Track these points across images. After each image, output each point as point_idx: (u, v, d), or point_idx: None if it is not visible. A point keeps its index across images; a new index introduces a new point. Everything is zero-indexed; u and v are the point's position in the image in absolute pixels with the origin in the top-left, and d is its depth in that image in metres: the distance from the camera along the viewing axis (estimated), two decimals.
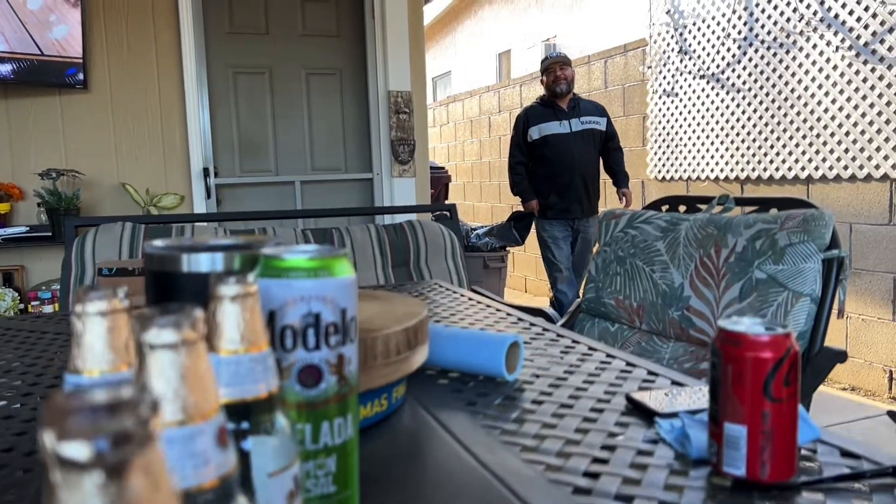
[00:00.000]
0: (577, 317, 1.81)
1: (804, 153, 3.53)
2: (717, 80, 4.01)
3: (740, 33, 3.84)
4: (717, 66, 4.01)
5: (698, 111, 4.16)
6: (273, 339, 0.48)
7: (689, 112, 4.24)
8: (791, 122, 3.58)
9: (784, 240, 1.33)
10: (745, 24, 3.80)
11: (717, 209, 1.60)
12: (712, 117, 4.07)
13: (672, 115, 4.38)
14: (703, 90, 4.12)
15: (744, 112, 3.86)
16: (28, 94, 3.04)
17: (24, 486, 0.61)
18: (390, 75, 3.62)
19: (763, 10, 3.70)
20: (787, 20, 3.56)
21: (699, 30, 4.13)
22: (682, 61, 4.27)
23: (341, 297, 0.49)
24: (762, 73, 3.73)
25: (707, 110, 4.10)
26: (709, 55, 4.06)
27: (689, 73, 4.21)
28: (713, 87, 4.05)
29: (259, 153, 3.60)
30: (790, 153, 3.60)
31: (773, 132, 3.69)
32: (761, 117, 3.75)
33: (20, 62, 2.91)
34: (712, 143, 4.08)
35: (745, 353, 0.56)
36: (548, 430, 0.70)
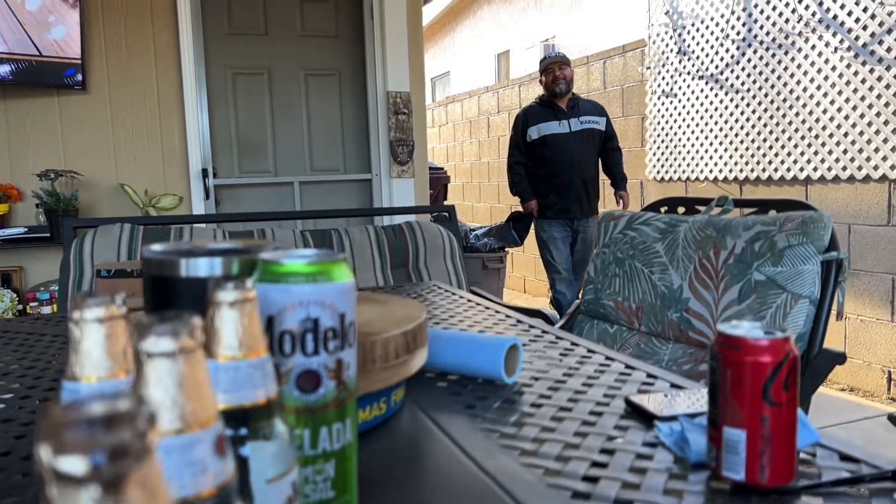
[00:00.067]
0: (576, 318, 1.81)
1: (803, 154, 3.53)
2: (716, 81, 4.02)
3: (739, 34, 3.84)
4: (716, 67, 4.01)
5: (697, 112, 4.17)
6: (271, 344, 0.48)
7: (687, 113, 4.24)
8: (790, 123, 3.59)
9: (783, 242, 1.33)
10: (744, 24, 3.80)
11: (716, 211, 1.60)
12: (711, 118, 4.07)
13: (671, 115, 4.38)
14: (701, 91, 4.12)
15: (742, 113, 3.86)
16: (26, 94, 3.04)
17: (23, 490, 0.61)
18: (389, 76, 3.62)
19: (762, 12, 3.70)
20: (786, 21, 3.56)
21: (698, 31, 4.13)
22: (680, 62, 4.27)
23: (340, 301, 0.49)
24: (761, 74, 3.73)
25: (706, 111, 4.10)
26: (708, 56, 4.06)
27: (688, 73, 4.21)
28: (712, 88, 4.05)
29: (258, 154, 3.60)
30: (789, 154, 3.61)
31: (771, 133, 3.69)
32: (760, 118, 3.75)
33: (19, 63, 2.91)
34: (711, 144, 4.08)
35: (745, 357, 0.56)
36: (547, 433, 0.70)
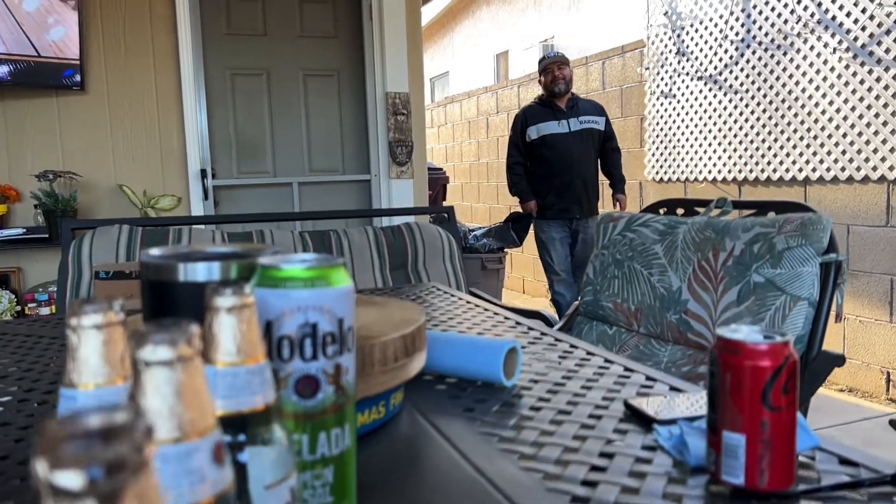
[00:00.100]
0: (575, 319, 1.81)
1: (802, 155, 3.53)
2: (715, 82, 4.02)
3: (738, 35, 3.84)
4: (715, 68, 4.01)
5: (696, 112, 4.17)
6: (270, 349, 0.48)
7: (686, 113, 4.24)
8: (788, 124, 3.59)
9: (782, 243, 1.33)
10: (743, 25, 3.81)
11: (715, 212, 1.60)
12: (710, 119, 4.07)
13: (670, 116, 4.38)
14: (700, 92, 4.12)
15: (741, 113, 3.86)
16: (25, 95, 3.03)
17: (22, 494, 0.61)
18: (388, 76, 3.62)
19: (760, 12, 3.70)
20: (785, 22, 3.56)
21: (697, 31, 4.13)
22: (679, 63, 4.27)
23: (338, 306, 0.49)
24: (760, 74, 3.73)
25: (705, 112, 4.10)
26: (706, 57, 4.07)
27: (687, 74, 4.22)
28: (711, 89, 4.05)
29: (257, 154, 3.60)
30: (788, 155, 3.61)
31: (770, 134, 3.70)
32: (759, 119, 3.76)
33: (17, 64, 2.90)
34: (710, 145, 4.08)
35: (744, 361, 0.56)
36: (546, 437, 0.70)
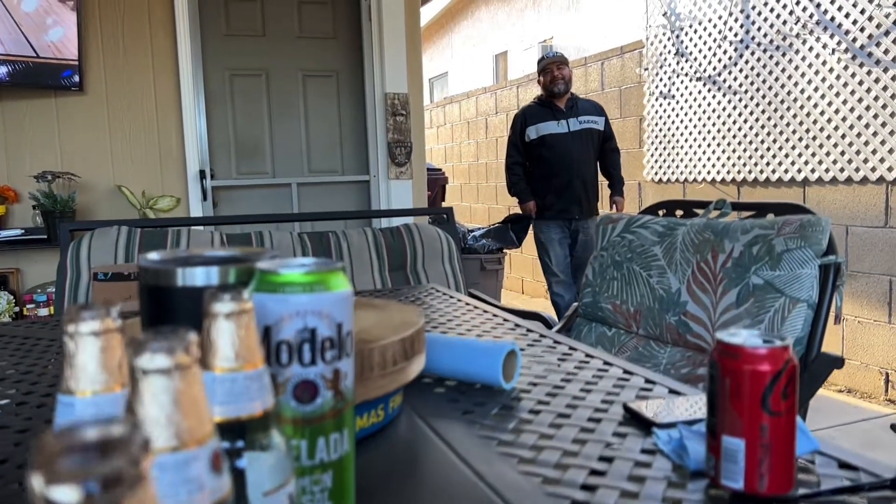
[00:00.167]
0: (574, 321, 1.81)
1: (800, 155, 3.53)
2: (714, 83, 4.02)
3: (736, 36, 3.85)
4: (714, 69, 4.01)
5: (695, 113, 4.17)
6: (268, 354, 0.47)
7: (685, 114, 4.24)
8: (787, 125, 3.59)
9: (781, 245, 1.33)
10: (742, 26, 3.81)
11: (714, 214, 1.60)
12: (709, 119, 4.07)
13: (669, 116, 4.38)
14: (699, 92, 4.13)
15: (740, 114, 3.86)
16: (23, 96, 3.03)
17: (20, 499, 0.61)
18: (387, 77, 3.62)
19: (759, 13, 3.70)
20: (784, 23, 3.56)
21: (696, 32, 4.13)
22: (678, 63, 4.28)
23: (337, 311, 0.49)
24: (758, 75, 3.73)
25: (704, 112, 4.10)
26: (705, 57, 4.07)
27: (686, 75, 4.22)
28: (710, 90, 4.05)
29: (255, 155, 3.60)
30: (786, 155, 3.61)
31: (769, 134, 3.70)
32: (758, 119, 3.76)
33: (15, 64, 2.90)
34: (709, 145, 4.09)
35: (743, 365, 0.56)
36: (545, 440, 0.70)
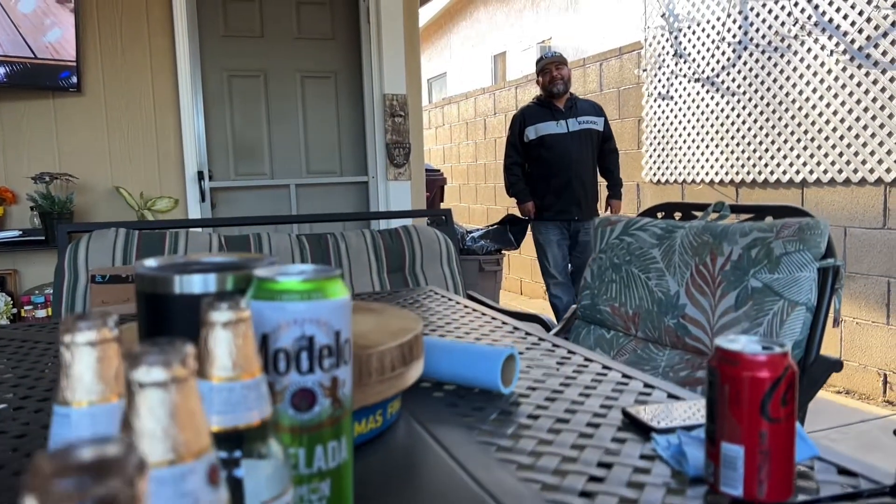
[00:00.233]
0: (572, 323, 1.80)
1: (799, 157, 3.54)
2: (712, 84, 4.02)
3: (735, 37, 3.85)
4: (712, 70, 4.01)
5: (693, 114, 4.17)
6: (266, 362, 0.47)
7: (684, 115, 4.24)
8: (786, 126, 3.59)
9: (780, 248, 1.33)
10: (740, 27, 3.81)
11: (713, 216, 1.60)
12: (707, 120, 4.07)
13: (667, 118, 4.38)
14: (697, 93, 4.13)
15: (739, 115, 3.86)
16: (21, 97, 3.02)
17: None
18: (385, 78, 3.61)
19: (758, 14, 3.70)
20: (782, 24, 3.57)
21: (694, 33, 4.13)
22: (677, 65, 4.28)
23: (335, 319, 0.49)
24: (757, 76, 3.73)
25: (702, 113, 4.11)
26: (704, 59, 4.07)
27: (685, 76, 4.22)
28: (708, 91, 4.05)
29: (254, 156, 3.59)
30: (785, 157, 3.61)
31: (767, 136, 3.70)
32: (756, 121, 3.76)
33: (13, 65, 2.89)
34: (707, 147, 4.09)
35: (742, 372, 0.56)
36: (544, 446, 0.70)
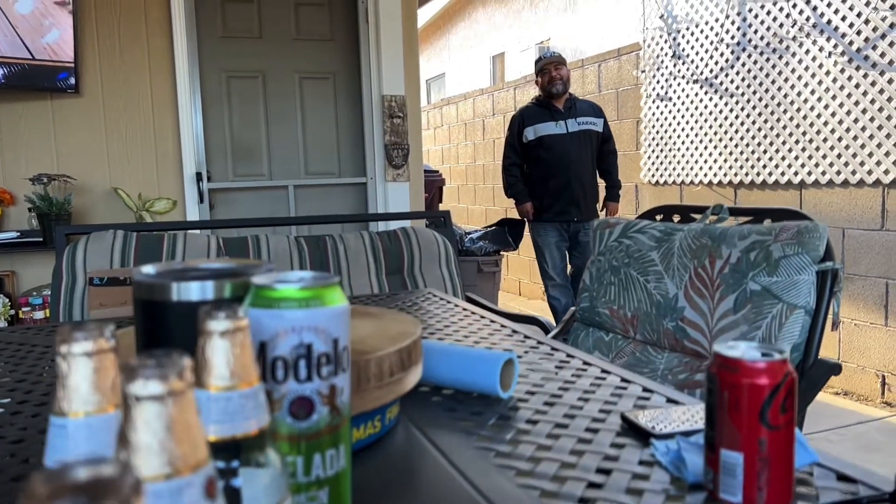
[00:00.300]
0: (571, 325, 1.80)
1: (797, 158, 3.54)
2: (711, 85, 4.02)
3: (733, 38, 3.85)
4: (711, 71, 4.02)
5: (692, 115, 4.17)
6: (264, 370, 0.47)
7: (682, 116, 4.25)
8: (784, 127, 3.59)
9: (778, 251, 1.33)
10: (739, 29, 3.81)
11: (712, 219, 1.60)
12: (706, 122, 4.08)
13: (666, 119, 4.38)
14: (696, 95, 4.13)
15: (737, 117, 3.87)
16: (19, 98, 3.02)
17: None
18: (384, 79, 3.61)
19: (756, 16, 3.71)
20: (781, 25, 3.57)
21: (693, 34, 4.14)
22: (675, 66, 4.28)
23: (333, 326, 0.48)
24: (755, 78, 3.73)
25: (701, 115, 4.11)
26: (702, 60, 4.07)
27: (683, 77, 4.22)
28: (707, 92, 4.06)
29: (252, 157, 3.59)
30: (783, 158, 3.61)
31: (766, 137, 3.70)
32: (755, 122, 3.76)
33: (11, 66, 2.89)
34: (706, 148, 4.09)
35: (742, 379, 0.56)
36: (543, 451, 0.70)
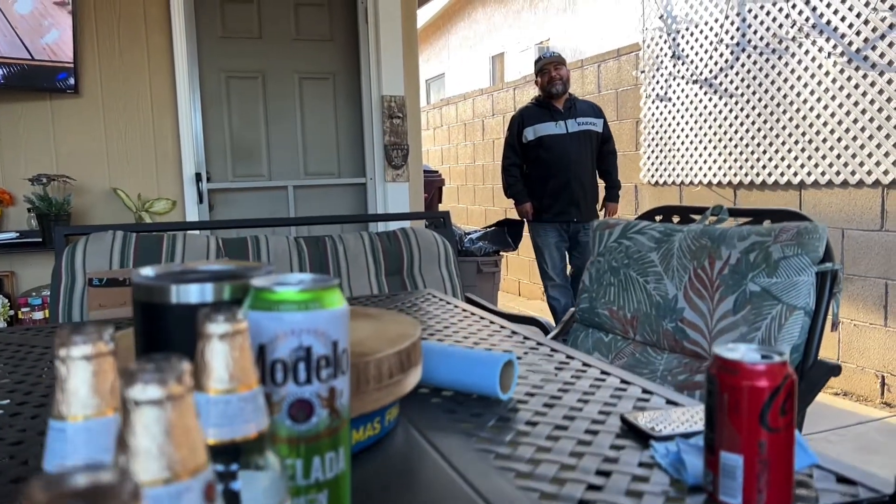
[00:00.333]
0: (571, 326, 1.80)
1: (797, 159, 3.54)
2: (710, 86, 4.02)
3: (733, 39, 3.85)
4: (710, 72, 4.02)
5: (691, 116, 4.17)
6: (263, 372, 0.47)
7: (682, 117, 4.25)
8: (784, 128, 3.59)
9: (778, 252, 1.33)
10: (738, 29, 3.81)
11: (711, 220, 1.60)
12: (705, 122, 4.08)
13: (665, 119, 4.38)
14: (696, 95, 4.13)
15: (737, 117, 3.87)
16: (19, 98, 3.02)
17: None
18: (384, 80, 3.61)
19: (756, 16, 3.71)
20: (780, 26, 3.57)
21: (692, 35, 4.14)
22: (675, 66, 4.28)
23: (333, 329, 0.48)
24: (755, 78, 3.74)
25: (700, 115, 4.11)
26: (702, 60, 4.07)
27: (683, 77, 4.22)
28: (706, 93, 4.06)
29: (252, 158, 3.59)
30: (783, 159, 3.61)
31: (765, 137, 3.70)
32: (754, 122, 3.76)
33: (10, 67, 2.89)
34: (705, 148, 4.09)
35: (742, 381, 0.56)
36: (542, 453, 0.70)
